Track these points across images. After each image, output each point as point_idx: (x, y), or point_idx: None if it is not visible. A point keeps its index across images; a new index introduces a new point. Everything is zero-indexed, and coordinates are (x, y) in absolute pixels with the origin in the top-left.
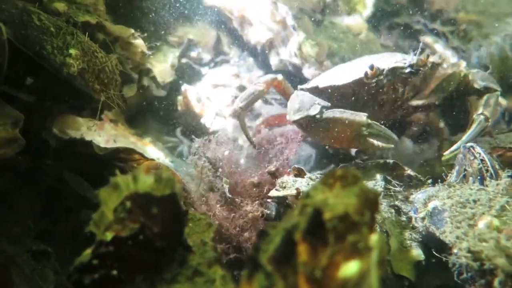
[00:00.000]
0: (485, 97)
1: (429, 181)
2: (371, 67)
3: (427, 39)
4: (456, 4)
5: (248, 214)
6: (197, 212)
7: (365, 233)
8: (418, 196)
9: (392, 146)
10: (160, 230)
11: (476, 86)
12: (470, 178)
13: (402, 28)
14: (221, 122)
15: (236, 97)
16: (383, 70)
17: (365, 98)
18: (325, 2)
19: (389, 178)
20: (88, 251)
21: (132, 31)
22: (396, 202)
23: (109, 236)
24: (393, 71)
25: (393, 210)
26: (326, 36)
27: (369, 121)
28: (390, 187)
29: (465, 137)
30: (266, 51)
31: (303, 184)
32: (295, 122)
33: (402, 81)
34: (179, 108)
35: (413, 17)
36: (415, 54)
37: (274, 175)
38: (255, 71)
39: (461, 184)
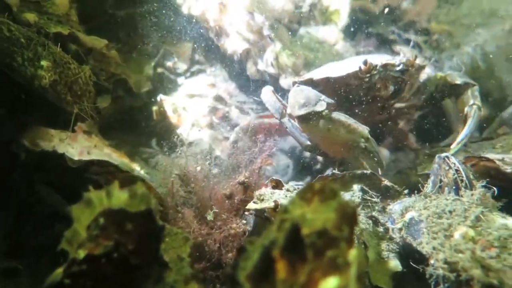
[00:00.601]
0: (469, 91)
1: (406, 191)
2: (365, 62)
3: (402, 48)
4: (428, 14)
5: (230, 230)
6: (174, 227)
7: (343, 248)
8: (395, 207)
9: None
10: (135, 246)
11: (457, 82)
12: (446, 188)
13: (377, 38)
14: (197, 133)
15: (213, 107)
16: (376, 65)
17: (358, 93)
18: (301, 13)
19: (366, 188)
20: (60, 270)
21: (106, 42)
22: (374, 213)
23: (82, 254)
24: (385, 67)
25: (370, 221)
26: (302, 46)
27: (369, 136)
28: (368, 197)
29: (466, 129)
30: (243, 61)
31: (281, 196)
32: (298, 117)
33: (392, 79)
34: (155, 118)
35: (387, 27)
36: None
37: (245, 185)
38: (231, 81)
39: (437, 195)
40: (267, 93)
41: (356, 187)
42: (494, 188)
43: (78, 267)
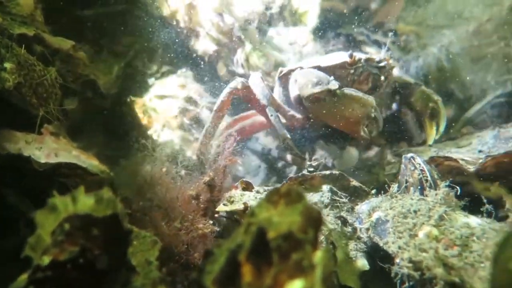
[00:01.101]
0: (423, 90)
1: (373, 191)
2: (351, 55)
3: (371, 50)
4: (396, 15)
5: (198, 231)
6: (142, 230)
7: (308, 251)
8: (362, 207)
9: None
10: (101, 251)
11: (409, 80)
12: (411, 188)
13: (346, 38)
14: (168, 134)
15: (184, 108)
16: (360, 59)
17: (343, 83)
18: (271, 13)
19: (335, 189)
20: (24, 276)
21: (73, 42)
22: (342, 213)
23: (46, 260)
24: (368, 61)
25: (339, 221)
26: (273, 47)
27: (375, 104)
28: (336, 198)
29: (443, 119)
30: (214, 62)
31: (251, 198)
32: (310, 95)
33: (371, 75)
34: (125, 119)
35: (356, 28)
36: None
37: (210, 185)
38: (202, 82)
39: (403, 195)
40: (256, 79)
41: (325, 187)
42: (457, 187)
43: (42, 274)
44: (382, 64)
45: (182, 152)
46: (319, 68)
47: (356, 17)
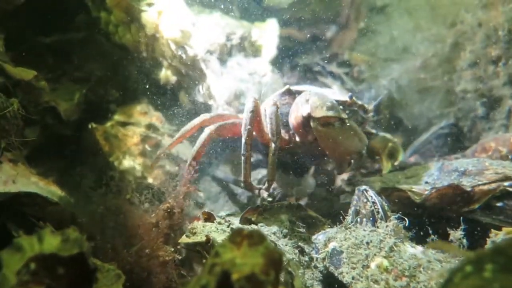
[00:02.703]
0: (383, 135)
1: (329, 221)
2: (351, 97)
3: (326, 80)
4: (349, 45)
5: (159, 258)
6: (106, 264)
7: None
8: (319, 237)
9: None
10: None
11: (371, 131)
12: (364, 219)
13: (303, 69)
14: (130, 161)
15: (146, 136)
16: (357, 103)
17: None
18: (232, 45)
19: (293, 219)
20: None
21: (35, 73)
22: (300, 243)
23: None
24: (360, 107)
25: (297, 251)
26: (233, 77)
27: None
28: (294, 228)
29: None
30: (175, 90)
31: (212, 229)
32: (323, 117)
33: (357, 120)
34: (87, 146)
35: (313, 58)
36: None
37: (171, 212)
38: (165, 110)
39: (356, 226)
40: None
41: (284, 217)
42: (406, 219)
43: None
44: (368, 114)
45: (144, 179)
46: None
47: (312, 48)
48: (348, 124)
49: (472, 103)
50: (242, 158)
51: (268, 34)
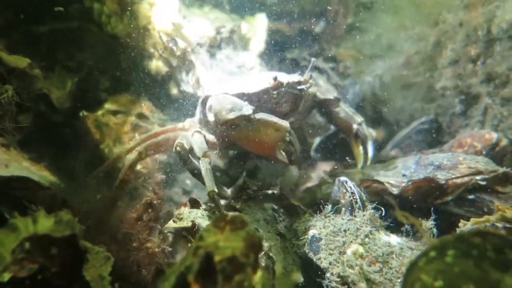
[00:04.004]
0: (348, 109)
1: (309, 210)
2: (275, 79)
3: (312, 74)
4: (337, 41)
5: (148, 250)
6: (96, 246)
7: (249, 273)
8: (300, 224)
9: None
10: (59, 269)
11: (330, 97)
12: (343, 209)
13: (290, 63)
14: (120, 149)
15: (136, 124)
16: (283, 83)
17: (266, 107)
18: (221, 38)
19: (276, 207)
20: None
21: (29, 61)
22: (281, 230)
23: (6, 277)
24: (290, 84)
25: (278, 237)
26: (223, 70)
27: (290, 128)
28: (277, 215)
29: (371, 144)
30: (166, 81)
31: (198, 215)
32: (227, 121)
33: (292, 96)
34: (78, 133)
35: (300, 53)
36: (300, 74)
37: (150, 205)
38: (154, 100)
39: (336, 215)
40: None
41: (267, 205)
42: (382, 209)
43: None
44: (302, 86)
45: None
46: (243, 95)
47: (300, 42)
48: (256, 118)
49: (451, 100)
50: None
51: (257, 28)
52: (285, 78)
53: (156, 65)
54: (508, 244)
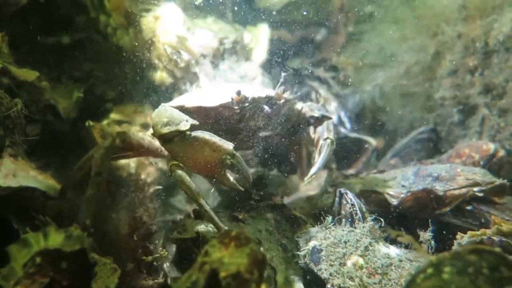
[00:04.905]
0: (325, 124)
1: (310, 220)
2: (238, 93)
3: (314, 83)
4: (338, 50)
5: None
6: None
7: None
8: (301, 235)
9: (242, 189)
10: (68, 283)
11: (315, 114)
12: (343, 220)
13: (292, 73)
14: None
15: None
16: (248, 97)
17: (229, 122)
18: (224, 48)
19: (278, 218)
20: None
21: (37, 74)
22: (283, 241)
23: None
24: (255, 100)
25: (280, 248)
26: (226, 80)
27: (234, 152)
28: (279, 226)
29: (320, 161)
30: (170, 91)
31: (202, 227)
32: (161, 136)
33: (261, 110)
34: (84, 143)
35: (301, 63)
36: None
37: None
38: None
39: (336, 226)
40: None
41: (269, 215)
42: (382, 220)
43: None
44: (271, 101)
45: (138, 176)
46: (200, 108)
47: (302, 51)
48: (192, 136)
49: (449, 110)
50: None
51: (259, 38)
52: (252, 92)
53: (161, 76)
54: (503, 262)
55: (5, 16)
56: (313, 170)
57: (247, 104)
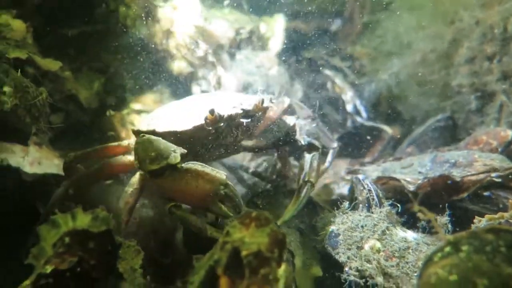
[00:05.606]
0: (309, 160)
1: (328, 207)
2: (212, 112)
3: (329, 72)
4: (353, 40)
5: None
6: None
7: (274, 266)
8: (318, 220)
9: (233, 216)
10: (96, 262)
11: (301, 141)
12: (360, 205)
13: (308, 62)
14: None
15: None
16: (223, 116)
17: (205, 141)
18: (241, 39)
19: None
20: (27, 282)
21: (60, 64)
22: (301, 225)
23: (48, 269)
24: (231, 117)
25: (298, 233)
26: (242, 70)
27: (228, 181)
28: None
29: (296, 205)
30: (188, 81)
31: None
32: (151, 172)
33: (238, 125)
34: (105, 131)
35: (317, 52)
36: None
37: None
38: (176, 99)
39: (353, 211)
40: None
41: (287, 202)
42: (398, 205)
43: (45, 280)
44: (245, 116)
45: None
46: (175, 133)
47: (318, 40)
48: (184, 168)
49: (467, 97)
50: None
51: (275, 28)
52: (227, 109)
53: (179, 66)
54: None
55: (29, 8)
56: (286, 216)
57: (221, 124)
